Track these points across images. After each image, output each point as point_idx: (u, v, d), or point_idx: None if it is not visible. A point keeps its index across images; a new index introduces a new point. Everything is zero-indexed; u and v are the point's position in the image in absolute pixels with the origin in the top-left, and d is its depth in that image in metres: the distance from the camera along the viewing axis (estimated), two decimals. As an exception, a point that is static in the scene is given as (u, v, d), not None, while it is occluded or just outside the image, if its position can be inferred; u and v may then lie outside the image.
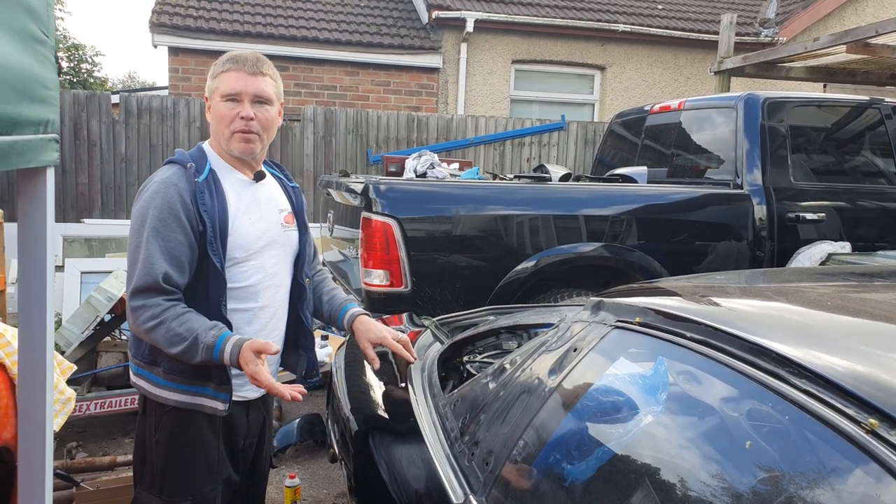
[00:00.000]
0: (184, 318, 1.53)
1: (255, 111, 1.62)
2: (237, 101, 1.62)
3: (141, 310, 1.52)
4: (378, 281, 3.17)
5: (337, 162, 6.80)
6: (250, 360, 1.51)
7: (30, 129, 0.97)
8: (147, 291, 1.52)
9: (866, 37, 4.84)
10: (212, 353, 1.51)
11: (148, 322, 1.52)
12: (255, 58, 1.65)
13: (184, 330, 1.51)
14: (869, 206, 3.95)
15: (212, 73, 1.67)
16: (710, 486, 1.02)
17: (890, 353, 1.03)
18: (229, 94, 1.62)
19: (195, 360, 1.53)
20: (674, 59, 9.02)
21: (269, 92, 1.65)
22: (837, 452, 0.88)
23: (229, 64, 1.64)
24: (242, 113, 1.61)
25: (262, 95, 1.64)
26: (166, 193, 1.56)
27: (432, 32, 8.45)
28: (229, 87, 1.62)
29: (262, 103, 1.64)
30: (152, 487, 1.67)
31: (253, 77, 1.62)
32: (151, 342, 1.57)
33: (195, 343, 1.51)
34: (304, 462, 3.39)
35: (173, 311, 1.53)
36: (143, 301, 1.52)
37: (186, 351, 1.52)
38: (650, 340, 1.30)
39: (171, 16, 7.70)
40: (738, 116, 3.80)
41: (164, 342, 1.53)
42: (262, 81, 1.64)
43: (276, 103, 1.69)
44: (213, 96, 1.66)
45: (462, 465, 1.43)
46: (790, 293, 1.52)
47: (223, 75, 1.63)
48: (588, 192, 3.70)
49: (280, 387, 1.51)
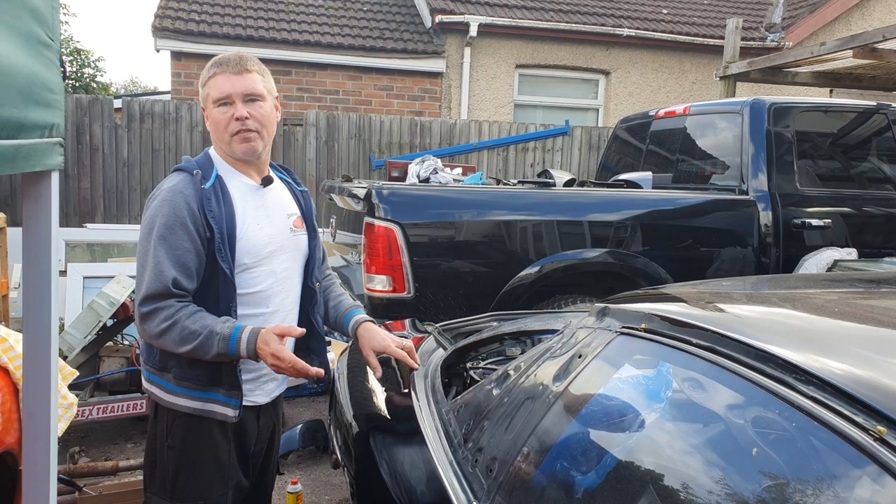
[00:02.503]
0: (197, 315, 1.54)
1: (248, 109, 1.63)
2: (229, 104, 1.62)
3: (154, 313, 1.53)
4: (381, 286, 3.16)
5: (339, 167, 6.80)
6: (271, 340, 1.51)
7: (35, 133, 0.97)
8: (158, 297, 1.53)
9: (873, 41, 4.82)
10: (228, 344, 1.51)
11: (162, 323, 1.52)
12: (237, 57, 1.65)
13: (198, 326, 1.52)
14: (875, 212, 3.94)
15: (201, 82, 1.68)
16: (718, 494, 1.01)
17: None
18: (219, 98, 1.62)
19: (210, 353, 1.52)
20: (679, 64, 9.02)
21: (259, 88, 1.65)
22: (845, 460, 0.88)
23: (214, 69, 1.64)
24: (236, 114, 1.62)
25: (251, 93, 1.63)
26: (173, 202, 1.57)
27: (436, 37, 8.46)
28: (218, 91, 1.62)
29: (253, 100, 1.64)
30: (163, 492, 1.67)
31: (239, 76, 1.62)
32: (164, 346, 1.57)
33: (210, 336, 1.51)
34: (306, 468, 3.38)
35: (186, 310, 1.54)
36: (155, 305, 1.53)
37: (201, 345, 1.51)
38: (656, 347, 1.29)
39: (174, 20, 7.72)
40: (744, 122, 3.79)
41: (178, 341, 1.52)
42: (248, 79, 1.63)
43: (268, 98, 1.68)
44: (207, 105, 1.67)
45: (466, 472, 1.42)
46: (797, 300, 1.51)
47: (210, 81, 1.64)
48: (592, 198, 3.69)
49: (304, 364, 1.52)
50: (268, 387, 1.77)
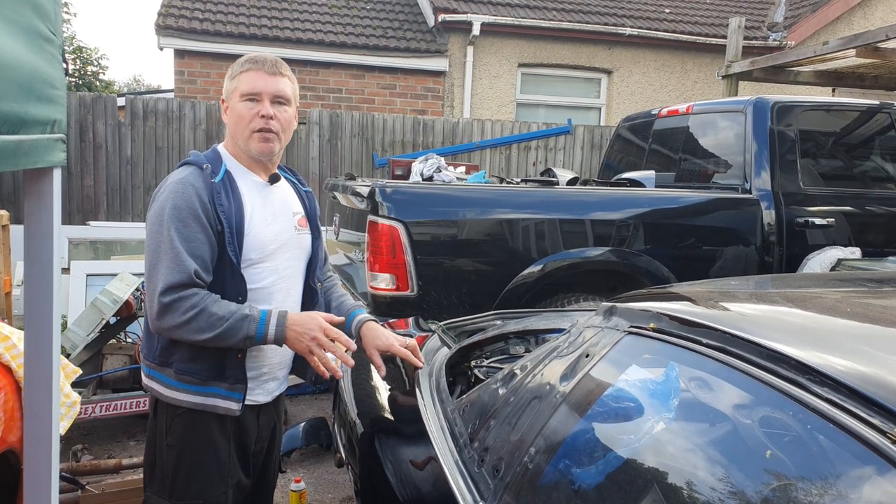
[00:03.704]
0: (221, 302, 1.55)
1: (274, 111, 1.64)
2: (257, 101, 1.63)
3: (177, 302, 1.50)
4: (384, 285, 3.15)
5: (343, 165, 6.79)
6: (317, 315, 1.62)
7: (37, 129, 0.95)
8: (180, 287, 1.51)
9: (876, 41, 4.80)
10: (257, 325, 1.54)
11: (188, 312, 1.50)
12: (273, 59, 1.68)
13: (224, 311, 1.52)
14: (878, 210, 3.92)
15: (230, 75, 1.68)
16: (728, 497, 0.99)
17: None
18: (249, 93, 1.63)
19: (235, 338, 1.53)
20: (681, 63, 9.00)
21: (288, 92, 1.68)
22: (861, 462, 0.86)
23: (248, 64, 1.65)
24: (263, 111, 1.62)
25: (281, 95, 1.65)
26: (184, 193, 1.56)
27: (438, 36, 8.44)
28: (249, 86, 1.63)
29: (281, 103, 1.66)
30: (162, 491, 1.66)
31: (273, 77, 1.64)
32: (182, 336, 1.54)
33: (241, 319, 1.52)
34: (310, 466, 3.37)
35: (210, 297, 1.54)
36: (178, 294, 1.50)
37: (228, 329, 1.51)
38: (665, 347, 1.28)
39: (178, 18, 7.71)
40: (747, 120, 3.78)
41: (203, 328, 1.51)
42: (281, 82, 1.66)
43: (293, 104, 1.71)
44: (231, 97, 1.66)
45: (472, 472, 1.41)
46: (807, 299, 1.49)
47: (242, 75, 1.64)
48: (595, 197, 3.68)
49: (347, 339, 1.63)
50: (269, 386, 1.76)
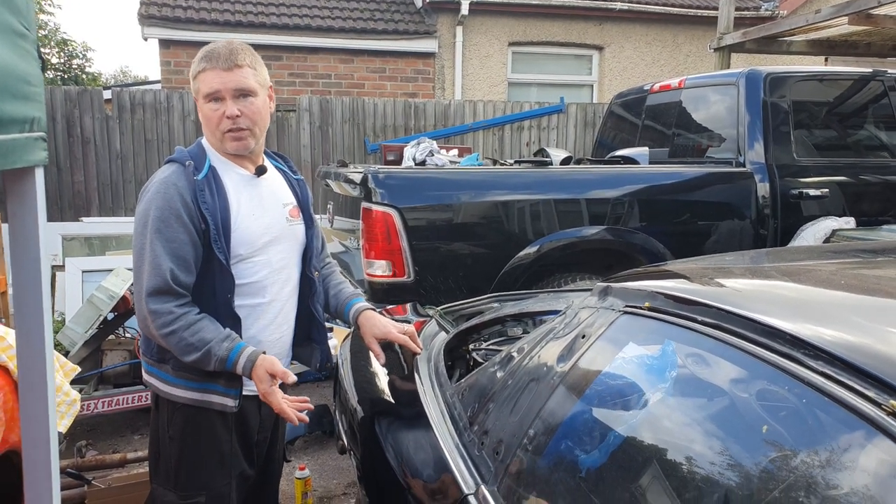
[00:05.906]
0: (195, 327, 1.53)
1: (239, 106, 1.59)
2: (219, 101, 1.59)
3: (153, 316, 1.52)
4: (380, 271, 3.14)
5: (334, 152, 6.75)
6: (264, 380, 1.54)
7: (14, 128, 0.93)
8: (158, 294, 1.52)
9: (868, 7, 4.77)
10: (224, 366, 1.54)
11: (161, 329, 1.53)
12: (227, 51, 1.59)
13: (196, 340, 1.52)
14: (872, 180, 3.91)
15: (191, 75, 1.64)
16: (726, 471, 1.00)
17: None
18: (209, 94, 1.58)
19: (208, 368, 1.55)
20: (672, 36, 8.93)
21: (250, 83, 1.60)
22: (857, 435, 0.86)
23: (203, 63, 1.59)
24: (227, 112, 1.58)
25: (242, 89, 1.59)
26: (166, 193, 1.54)
27: (427, 16, 8.36)
28: (208, 87, 1.58)
29: (244, 96, 1.60)
30: (167, 482, 1.68)
31: (229, 72, 1.57)
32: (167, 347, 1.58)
33: (208, 355, 1.53)
34: (314, 453, 3.39)
35: (185, 319, 1.53)
36: (156, 307, 1.52)
37: (199, 361, 1.54)
38: (660, 325, 1.28)
39: (161, 7, 7.61)
40: (740, 93, 3.76)
41: (177, 351, 1.54)
42: (239, 74, 1.58)
43: (260, 92, 1.63)
44: (197, 98, 1.63)
45: (472, 455, 1.41)
46: (801, 272, 1.49)
47: (200, 76, 1.60)
48: (589, 175, 3.67)
49: (289, 410, 1.54)
50: None
